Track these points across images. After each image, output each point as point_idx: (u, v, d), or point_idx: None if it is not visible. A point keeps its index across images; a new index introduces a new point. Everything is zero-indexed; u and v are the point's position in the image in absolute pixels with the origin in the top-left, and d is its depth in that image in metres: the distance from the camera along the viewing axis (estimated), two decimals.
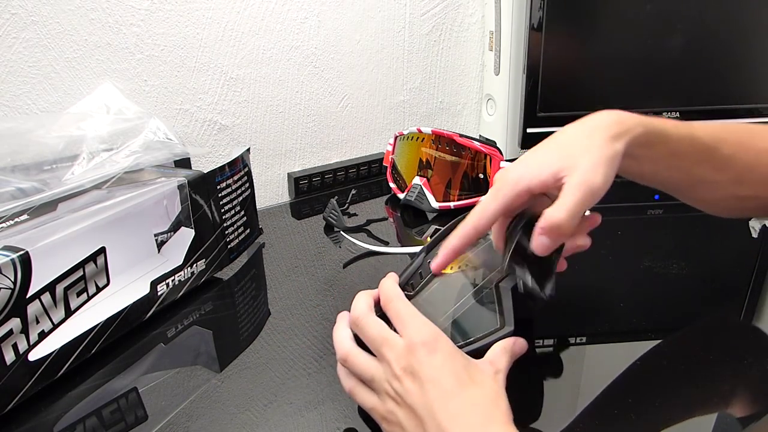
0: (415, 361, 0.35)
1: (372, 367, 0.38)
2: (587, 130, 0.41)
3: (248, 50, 0.79)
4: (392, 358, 0.36)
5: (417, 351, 0.36)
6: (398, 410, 0.36)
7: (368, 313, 0.40)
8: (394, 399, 0.36)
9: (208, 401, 0.44)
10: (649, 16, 0.87)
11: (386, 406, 0.37)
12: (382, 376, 0.37)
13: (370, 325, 0.39)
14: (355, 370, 0.39)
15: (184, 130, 0.76)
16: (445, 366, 0.35)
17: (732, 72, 0.91)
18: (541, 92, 0.89)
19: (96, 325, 0.47)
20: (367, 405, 0.38)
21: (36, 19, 0.62)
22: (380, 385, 0.37)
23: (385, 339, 0.37)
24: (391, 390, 0.36)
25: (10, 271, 0.40)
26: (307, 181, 0.88)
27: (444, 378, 0.35)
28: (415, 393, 0.35)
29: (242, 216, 0.66)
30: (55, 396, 0.44)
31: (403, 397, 0.35)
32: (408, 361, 0.36)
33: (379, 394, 0.37)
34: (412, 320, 0.38)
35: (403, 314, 0.38)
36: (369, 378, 0.38)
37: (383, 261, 0.66)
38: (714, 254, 0.69)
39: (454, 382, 0.35)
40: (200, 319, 0.55)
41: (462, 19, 0.99)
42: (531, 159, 0.42)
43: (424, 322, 0.38)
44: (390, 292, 0.40)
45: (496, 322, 0.39)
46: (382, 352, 0.37)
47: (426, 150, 0.82)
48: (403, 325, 0.38)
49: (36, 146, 0.52)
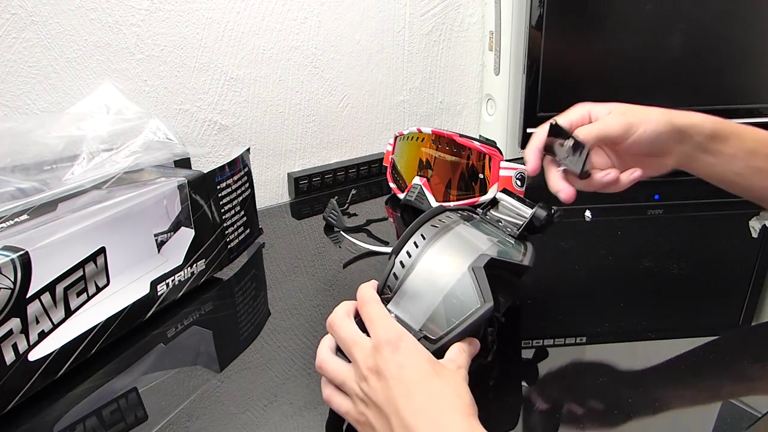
0: (380, 359, 0.36)
1: (343, 372, 0.39)
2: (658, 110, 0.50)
3: (248, 50, 0.79)
4: (360, 358, 0.37)
5: (382, 350, 0.36)
6: (367, 411, 0.36)
7: (343, 317, 0.41)
8: (363, 400, 0.37)
9: (208, 401, 0.44)
10: (649, 16, 0.87)
11: (357, 408, 0.37)
12: (353, 378, 0.38)
13: (342, 327, 0.40)
14: (329, 376, 0.40)
15: (184, 130, 0.76)
16: (407, 362, 0.36)
17: (732, 72, 0.91)
18: (541, 92, 0.89)
19: (96, 325, 0.47)
20: (341, 410, 0.39)
21: (36, 19, 0.62)
22: (351, 388, 0.38)
23: (354, 341, 0.38)
24: (360, 391, 0.37)
25: (10, 271, 0.40)
26: (307, 181, 0.88)
27: (406, 374, 0.35)
28: (379, 391, 0.35)
29: (242, 216, 0.66)
30: (55, 396, 0.44)
31: (370, 396, 0.36)
32: (374, 361, 0.36)
33: (351, 398, 0.38)
34: (380, 321, 0.39)
35: (373, 316, 0.39)
36: (341, 382, 0.39)
37: (383, 261, 0.66)
38: (714, 254, 0.69)
39: (416, 376, 0.35)
40: (200, 319, 0.55)
41: (462, 19, 0.99)
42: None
43: (390, 322, 0.39)
44: (365, 296, 0.41)
45: (476, 301, 0.39)
46: (352, 353, 0.38)
47: (426, 150, 0.82)
48: (371, 326, 0.39)
49: (36, 146, 0.52)
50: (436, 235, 0.44)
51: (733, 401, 0.44)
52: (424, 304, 0.40)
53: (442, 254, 0.43)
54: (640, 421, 0.42)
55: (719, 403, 0.44)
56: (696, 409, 0.44)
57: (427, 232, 0.44)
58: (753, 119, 0.92)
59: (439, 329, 0.40)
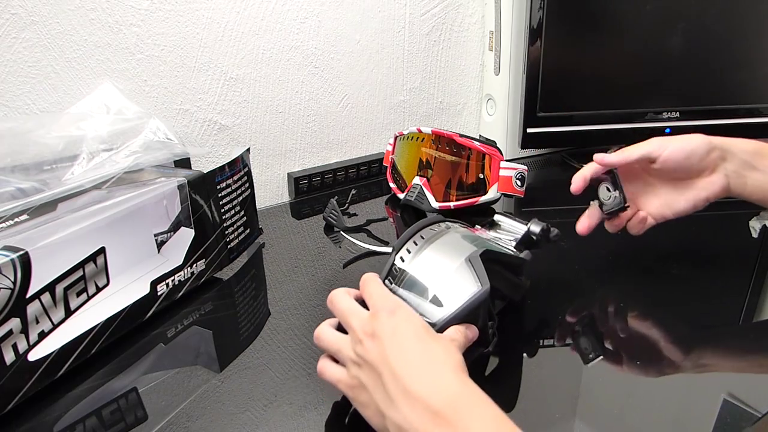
0: (376, 323, 0.37)
1: (339, 341, 0.40)
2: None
3: (248, 50, 0.79)
4: (357, 325, 0.38)
5: (378, 315, 0.38)
6: (360, 372, 0.37)
7: (342, 293, 0.42)
8: (356, 363, 0.38)
9: (208, 401, 0.44)
10: (649, 16, 0.87)
11: (350, 371, 0.38)
12: (348, 344, 0.39)
13: (341, 300, 0.41)
14: (324, 345, 0.41)
15: (184, 130, 0.76)
16: (402, 324, 0.37)
17: (732, 72, 0.91)
18: (541, 92, 0.89)
19: (96, 325, 0.47)
20: (334, 378, 0.39)
21: (36, 19, 0.62)
22: (346, 355, 0.39)
23: (352, 311, 0.40)
24: (354, 355, 0.38)
25: (10, 271, 0.40)
26: (307, 181, 0.88)
27: (401, 334, 0.37)
28: (373, 350, 0.36)
29: (242, 216, 0.66)
30: (55, 396, 0.44)
31: (364, 356, 0.37)
32: (371, 326, 0.38)
33: (345, 364, 0.39)
34: (379, 293, 0.40)
35: (372, 290, 0.41)
36: (336, 350, 0.40)
37: (383, 261, 0.66)
38: (714, 254, 0.69)
39: (411, 337, 0.37)
40: (200, 319, 0.55)
41: (462, 19, 0.99)
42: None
43: (389, 294, 0.41)
44: (367, 277, 0.43)
45: (474, 285, 0.41)
46: (349, 322, 0.39)
47: (426, 150, 0.82)
48: (370, 298, 0.40)
49: (36, 146, 0.52)
50: (435, 236, 0.47)
51: (733, 401, 0.44)
52: (423, 292, 0.42)
53: (440, 250, 0.45)
54: (640, 421, 0.42)
55: (719, 403, 0.44)
56: (696, 409, 0.44)
57: (427, 233, 0.47)
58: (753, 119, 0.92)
59: (438, 313, 0.41)
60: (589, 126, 0.92)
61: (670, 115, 0.92)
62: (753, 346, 0.51)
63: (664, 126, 0.92)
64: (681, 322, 0.55)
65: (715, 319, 0.56)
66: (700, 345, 0.50)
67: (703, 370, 0.48)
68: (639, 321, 0.54)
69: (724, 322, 0.55)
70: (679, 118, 0.92)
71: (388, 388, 0.34)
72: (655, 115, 0.92)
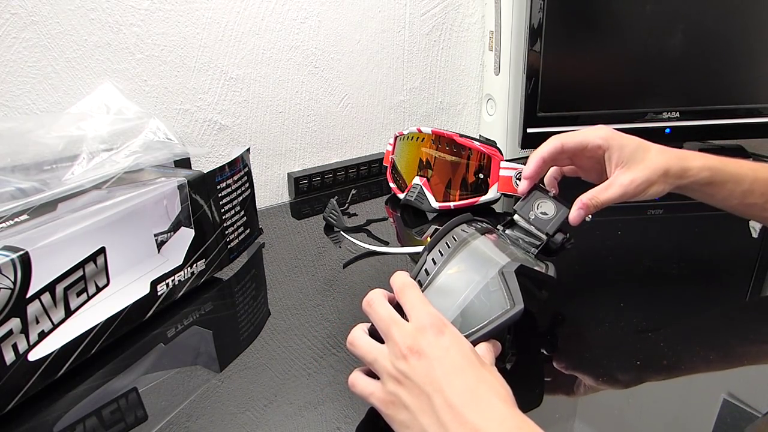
0: (423, 341, 0.36)
1: (375, 350, 0.38)
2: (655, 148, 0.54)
3: (248, 50, 0.79)
4: (399, 338, 0.36)
5: (425, 332, 0.36)
6: (401, 390, 0.36)
7: (381, 298, 0.40)
8: (396, 379, 0.36)
9: (208, 401, 0.44)
10: (649, 17, 0.87)
11: (387, 387, 0.37)
12: (386, 356, 0.37)
13: (381, 306, 0.39)
14: (359, 352, 0.39)
15: (184, 130, 0.76)
16: (452, 346, 0.36)
17: (732, 72, 0.91)
18: (541, 92, 0.89)
19: (96, 325, 0.47)
20: (366, 392, 0.38)
21: (36, 19, 0.62)
22: (383, 366, 0.37)
23: (393, 320, 0.38)
24: (394, 370, 0.36)
25: (10, 271, 0.40)
26: (307, 181, 0.88)
27: (451, 357, 0.35)
28: (421, 370, 0.35)
29: (242, 216, 0.66)
30: (55, 396, 0.44)
31: (409, 375, 0.35)
32: (415, 342, 0.36)
33: (381, 376, 0.37)
34: (423, 305, 0.38)
35: (414, 300, 0.39)
36: (372, 360, 0.38)
37: (383, 261, 0.66)
38: (714, 254, 0.69)
39: (461, 360, 0.35)
40: (200, 319, 0.55)
41: (462, 19, 0.99)
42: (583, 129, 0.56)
43: (432, 308, 0.38)
44: (405, 282, 0.41)
45: (506, 303, 0.40)
46: (390, 332, 0.37)
47: (426, 150, 0.82)
48: (413, 309, 0.38)
49: (36, 146, 0.52)
50: (467, 238, 0.46)
51: (733, 401, 0.44)
52: (455, 301, 0.41)
53: (474, 255, 0.44)
54: (639, 420, 0.42)
55: (719, 403, 0.44)
56: (696, 409, 0.44)
57: (459, 235, 0.46)
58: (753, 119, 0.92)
59: (469, 326, 0.40)
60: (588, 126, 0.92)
61: (670, 115, 0.92)
62: (753, 346, 0.51)
63: (664, 126, 0.92)
64: (681, 322, 0.55)
65: (715, 319, 0.56)
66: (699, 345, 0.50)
67: (703, 370, 0.48)
68: (638, 321, 0.54)
69: (724, 322, 0.55)
70: (679, 118, 0.92)
71: (441, 416, 0.33)
72: (655, 115, 0.92)
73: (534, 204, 0.54)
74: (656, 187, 0.52)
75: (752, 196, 0.54)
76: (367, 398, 0.38)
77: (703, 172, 0.53)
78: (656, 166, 0.52)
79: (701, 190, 0.55)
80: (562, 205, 0.54)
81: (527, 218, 0.54)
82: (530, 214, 0.54)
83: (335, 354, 0.49)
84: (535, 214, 0.54)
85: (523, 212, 0.54)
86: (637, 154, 0.52)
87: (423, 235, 0.75)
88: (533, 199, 0.55)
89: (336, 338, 0.51)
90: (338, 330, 0.53)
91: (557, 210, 0.54)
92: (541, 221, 0.53)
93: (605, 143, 0.53)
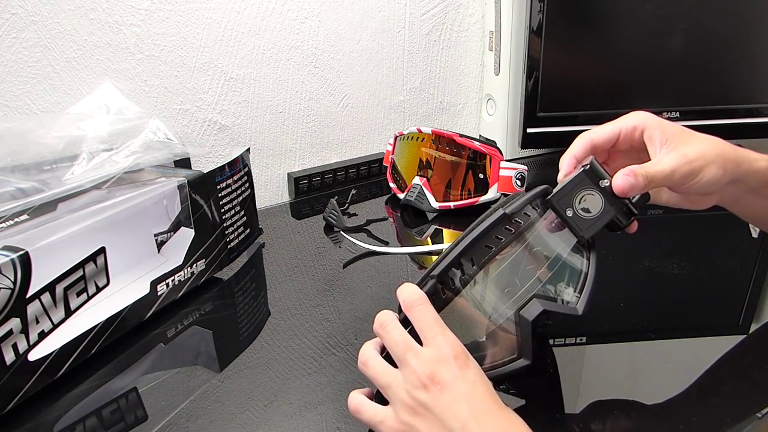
0: (446, 372, 0.34)
1: (390, 373, 0.36)
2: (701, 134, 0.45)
3: (248, 50, 0.79)
4: (416, 365, 0.34)
5: (448, 363, 0.34)
6: (416, 420, 0.34)
7: (394, 319, 0.38)
8: (412, 408, 0.34)
9: (208, 401, 0.44)
10: (649, 16, 0.87)
11: (400, 416, 0.35)
12: (401, 383, 0.35)
13: (396, 329, 0.37)
14: (372, 374, 0.37)
15: (184, 130, 0.76)
16: (478, 383, 0.34)
17: (732, 72, 0.91)
18: (541, 92, 0.89)
19: (96, 325, 0.47)
20: (374, 420, 0.36)
21: (36, 19, 0.62)
22: (397, 393, 0.35)
23: (409, 346, 0.36)
24: (411, 400, 0.34)
25: (10, 271, 0.40)
26: (307, 181, 0.88)
27: (478, 394, 0.33)
28: (444, 404, 0.33)
29: (242, 216, 0.66)
30: (55, 396, 0.44)
31: (429, 407, 0.33)
32: (436, 371, 0.34)
33: (393, 404, 0.35)
34: (441, 331, 0.36)
35: (430, 321, 0.36)
36: (385, 384, 0.36)
37: (383, 261, 0.66)
38: (714, 254, 0.69)
39: (488, 399, 0.34)
40: (200, 319, 0.55)
41: (462, 19, 0.99)
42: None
43: (453, 336, 0.36)
44: (414, 295, 0.38)
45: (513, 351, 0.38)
46: (406, 358, 0.35)
47: (426, 150, 0.82)
48: (429, 333, 0.36)
49: (36, 146, 0.52)
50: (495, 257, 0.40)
51: (733, 401, 0.44)
52: (465, 332, 0.38)
53: (497, 284, 0.39)
54: (639, 420, 0.42)
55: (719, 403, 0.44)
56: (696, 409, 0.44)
57: (493, 243, 0.40)
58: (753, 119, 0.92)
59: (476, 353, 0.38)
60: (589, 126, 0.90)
61: (670, 115, 0.91)
62: (753, 346, 0.51)
63: None
64: (681, 321, 0.55)
65: (715, 319, 0.56)
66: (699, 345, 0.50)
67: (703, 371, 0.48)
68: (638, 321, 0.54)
69: (724, 322, 0.55)
70: (679, 118, 0.92)
71: None
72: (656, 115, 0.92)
73: (577, 196, 0.41)
74: (713, 169, 0.42)
75: None
76: (376, 426, 0.36)
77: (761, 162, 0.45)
78: (710, 146, 0.43)
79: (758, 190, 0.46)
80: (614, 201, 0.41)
81: (563, 213, 0.42)
82: (568, 211, 0.41)
83: (335, 354, 0.49)
84: (574, 210, 0.41)
85: (560, 204, 0.41)
86: (683, 134, 0.44)
87: (423, 235, 0.75)
88: (579, 187, 0.41)
89: (336, 338, 0.51)
90: (338, 330, 0.53)
91: (604, 208, 0.41)
92: (581, 221, 0.41)
93: (642, 123, 0.45)
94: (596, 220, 0.41)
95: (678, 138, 0.43)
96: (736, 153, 0.44)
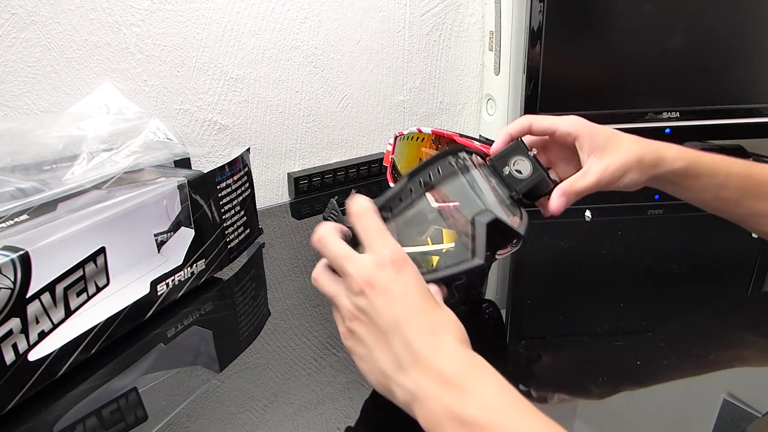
0: (383, 276, 0.35)
1: (333, 285, 0.38)
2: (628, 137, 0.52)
3: (248, 50, 0.79)
4: (355, 272, 0.35)
5: (385, 267, 0.35)
6: (357, 326, 0.35)
7: (331, 232, 0.39)
8: (354, 314, 0.36)
9: (208, 401, 0.44)
10: (649, 16, 0.87)
11: (346, 323, 0.36)
12: (343, 292, 0.37)
13: (332, 242, 0.38)
14: (321, 289, 0.39)
15: (184, 130, 0.76)
16: (412, 285, 0.35)
17: (732, 72, 0.91)
18: (541, 92, 0.89)
19: (96, 325, 0.47)
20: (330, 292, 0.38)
21: (36, 19, 0.62)
22: (341, 302, 0.37)
23: (346, 256, 0.36)
24: (352, 306, 0.36)
25: (10, 271, 0.40)
26: (307, 181, 0.88)
27: (411, 296, 0.34)
28: (380, 307, 0.34)
29: (242, 216, 0.66)
30: (55, 396, 0.44)
31: (367, 311, 0.35)
32: (374, 275, 0.35)
33: (342, 313, 0.37)
34: (382, 237, 0.36)
35: (372, 229, 0.37)
36: (332, 295, 0.37)
37: None
38: (714, 254, 0.69)
39: (421, 301, 0.35)
40: (200, 319, 0.55)
41: (462, 19, 0.99)
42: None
43: (393, 241, 0.37)
44: (362, 206, 0.39)
45: (467, 253, 0.39)
46: (345, 268, 0.36)
47: (426, 150, 0.82)
48: (370, 240, 0.36)
49: (36, 146, 0.52)
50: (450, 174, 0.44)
51: (733, 401, 0.43)
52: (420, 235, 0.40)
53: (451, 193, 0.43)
54: (639, 420, 0.42)
55: (719, 403, 0.44)
56: (696, 409, 0.44)
57: (444, 168, 0.44)
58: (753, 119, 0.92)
59: (425, 266, 0.39)
60: None
61: (670, 115, 0.91)
62: (753, 345, 0.51)
63: (664, 126, 0.92)
64: (681, 321, 0.55)
65: (714, 319, 0.56)
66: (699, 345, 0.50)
67: (703, 370, 0.48)
68: (638, 321, 0.54)
69: (724, 322, 0.55)
70: (679, 118, 0.92)
71: (398, 353, 0.33)
72: (655, 115, 0.92)
73: (511, 159, 0.51)
74: (631, 175, 0.51)
75: (726, 190, 0.53)
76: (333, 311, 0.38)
77: (678, 162, 0.52)
78: (631, 154, 0.50)
79: (676, 182, 0.53)
80: (539, 167, 0.50)
81: (500, 172, 0.51)
82: (504, 169, 0.50)
83: (335, 354, 0.49)
84: (509, 169, 0.50)
85: (497, 164, 0.51)
86: (610, 142, 0.51)
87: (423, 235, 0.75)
88: (512, 153, 0.51)
89: (336, 338, 0.51)
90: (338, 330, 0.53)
91: (533, 171, 0.50)
92: (514, 179, 0.50)
93: (575, 130, 0.51)
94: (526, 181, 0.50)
95: (603, 148, 0.51)
96: (656, 156, 0.51)
